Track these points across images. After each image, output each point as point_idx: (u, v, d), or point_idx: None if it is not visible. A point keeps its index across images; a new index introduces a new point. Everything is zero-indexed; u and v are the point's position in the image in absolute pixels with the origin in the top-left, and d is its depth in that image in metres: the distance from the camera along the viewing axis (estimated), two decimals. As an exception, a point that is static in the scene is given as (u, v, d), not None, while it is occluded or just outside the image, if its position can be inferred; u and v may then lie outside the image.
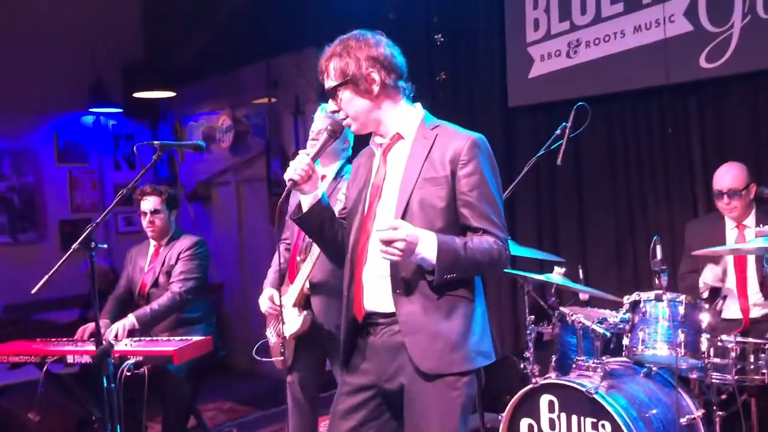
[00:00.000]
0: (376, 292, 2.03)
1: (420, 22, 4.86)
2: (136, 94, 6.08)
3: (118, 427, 2.24)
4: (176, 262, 3.85)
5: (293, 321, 3.00)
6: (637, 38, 3.91)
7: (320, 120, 3.02)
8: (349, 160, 2.98)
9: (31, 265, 5.65)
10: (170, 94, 6.17)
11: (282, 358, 3.02)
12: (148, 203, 3.89)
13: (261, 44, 5.47)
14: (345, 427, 2.09)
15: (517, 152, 4.52)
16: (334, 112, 2.12)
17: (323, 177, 3.03)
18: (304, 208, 2.13)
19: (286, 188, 2.09)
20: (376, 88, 2.04)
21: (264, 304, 3.10)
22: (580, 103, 3.06)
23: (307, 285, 2.98)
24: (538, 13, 4.35)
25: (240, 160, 6.10)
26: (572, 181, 4.40)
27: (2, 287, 5.42)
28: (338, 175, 3.07)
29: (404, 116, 2.10)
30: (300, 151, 2.13)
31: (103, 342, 2.55)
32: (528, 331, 3.32)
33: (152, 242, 4.01)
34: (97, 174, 6.41)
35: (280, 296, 3.03)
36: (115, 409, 2.23)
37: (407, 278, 1.99)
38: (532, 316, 3.34)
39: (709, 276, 3.33)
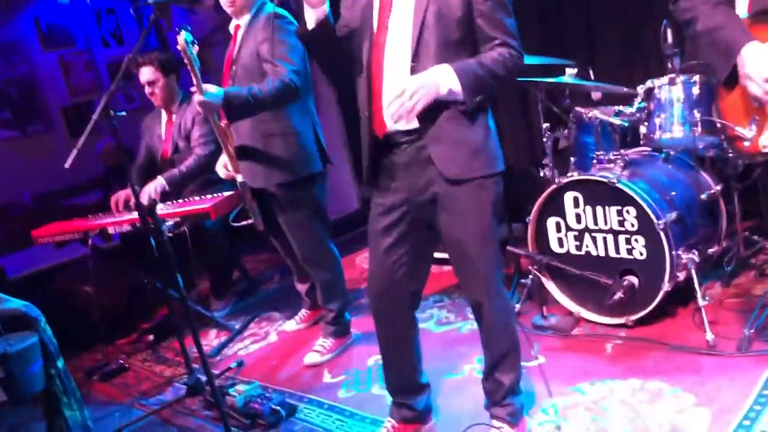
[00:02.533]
0: None
1: None
2: (108, -38, 5.80)
3: (179, 275, 2.37)
4: (192, 126, 3.87)
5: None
6: None
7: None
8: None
9: (45, 155, 5.70)
10: (143, -44, 5.88)
11: (253, 219, 3.11)
12: (143, 75, 3.87)
13: None
14: (385, 243, 2.19)
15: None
16: None
17: (237, 27, 3.00)
18: (311, 24, 2.11)
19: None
20: None
21: (221, 171, 3.17)
22: None
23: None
24: None
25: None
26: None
27: (23, 179, 5.51)
28: (252, 22, 3.06)
29: None
30: None
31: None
32: (545, 139, 3.36)
33: (163, 110, 4.02)
34: (88, 54, 6.27)
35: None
36: (173, 258, 2.34)
37: None
38: (547, 124, 3.37)
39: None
